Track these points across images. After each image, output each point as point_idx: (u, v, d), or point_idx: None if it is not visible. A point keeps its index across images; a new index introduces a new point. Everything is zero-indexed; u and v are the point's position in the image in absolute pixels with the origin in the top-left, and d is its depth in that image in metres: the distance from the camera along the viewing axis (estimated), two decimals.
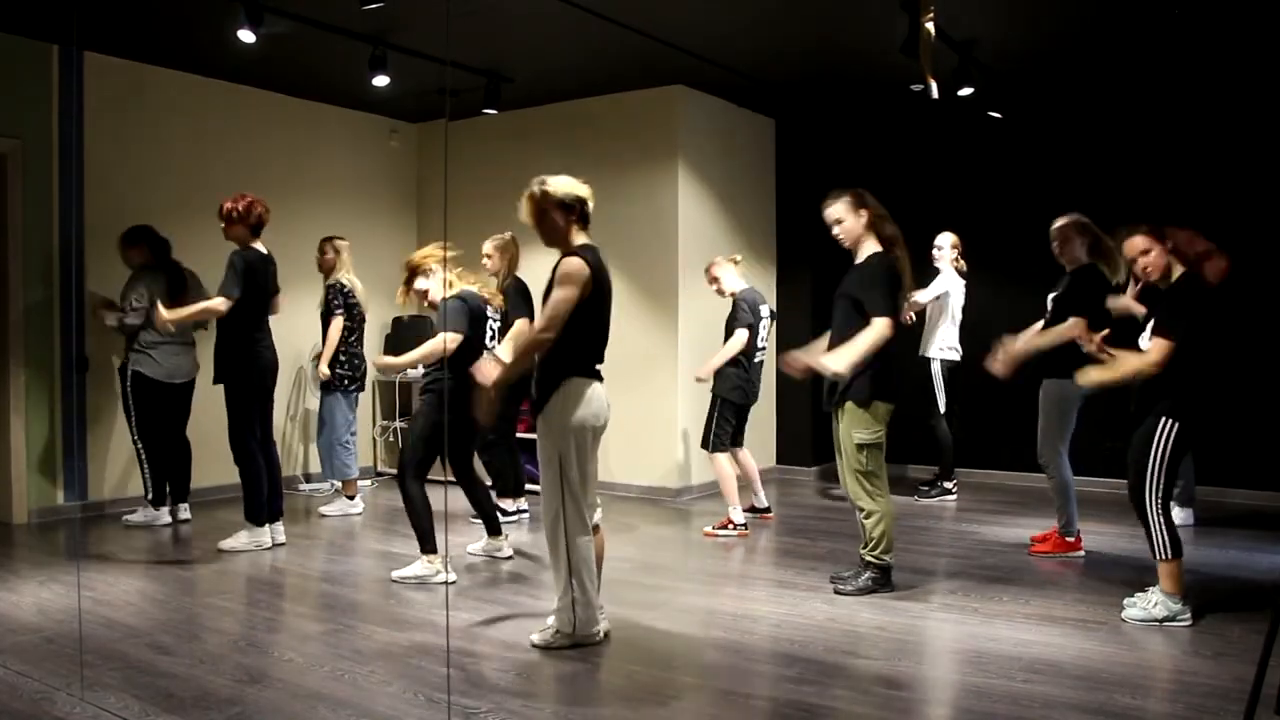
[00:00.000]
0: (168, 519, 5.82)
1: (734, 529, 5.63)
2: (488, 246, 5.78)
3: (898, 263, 4.27)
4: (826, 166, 7.83)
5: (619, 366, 6.65)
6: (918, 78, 4.96)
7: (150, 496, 5.79)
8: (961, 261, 6.63)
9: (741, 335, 5.56)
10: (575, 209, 3.61)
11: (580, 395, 3.53)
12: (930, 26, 4.72)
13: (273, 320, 5.39)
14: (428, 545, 4.61)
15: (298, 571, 4.91)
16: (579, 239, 3.63)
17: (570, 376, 3.53)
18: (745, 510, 5.82)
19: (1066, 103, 6.91)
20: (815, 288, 7.70)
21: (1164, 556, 3.84)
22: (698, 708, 3.15)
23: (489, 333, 5.30)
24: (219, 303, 5.01)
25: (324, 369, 6.10)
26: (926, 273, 6.44)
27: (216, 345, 5.16)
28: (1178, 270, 3.92)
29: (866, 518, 4.31)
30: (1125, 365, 3.90)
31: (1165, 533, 3.83)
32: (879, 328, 4.12)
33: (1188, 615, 3.84)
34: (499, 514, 5.81)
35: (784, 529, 5.92)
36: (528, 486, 5.99)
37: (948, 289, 6.51)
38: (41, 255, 5.87)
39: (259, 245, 5.21)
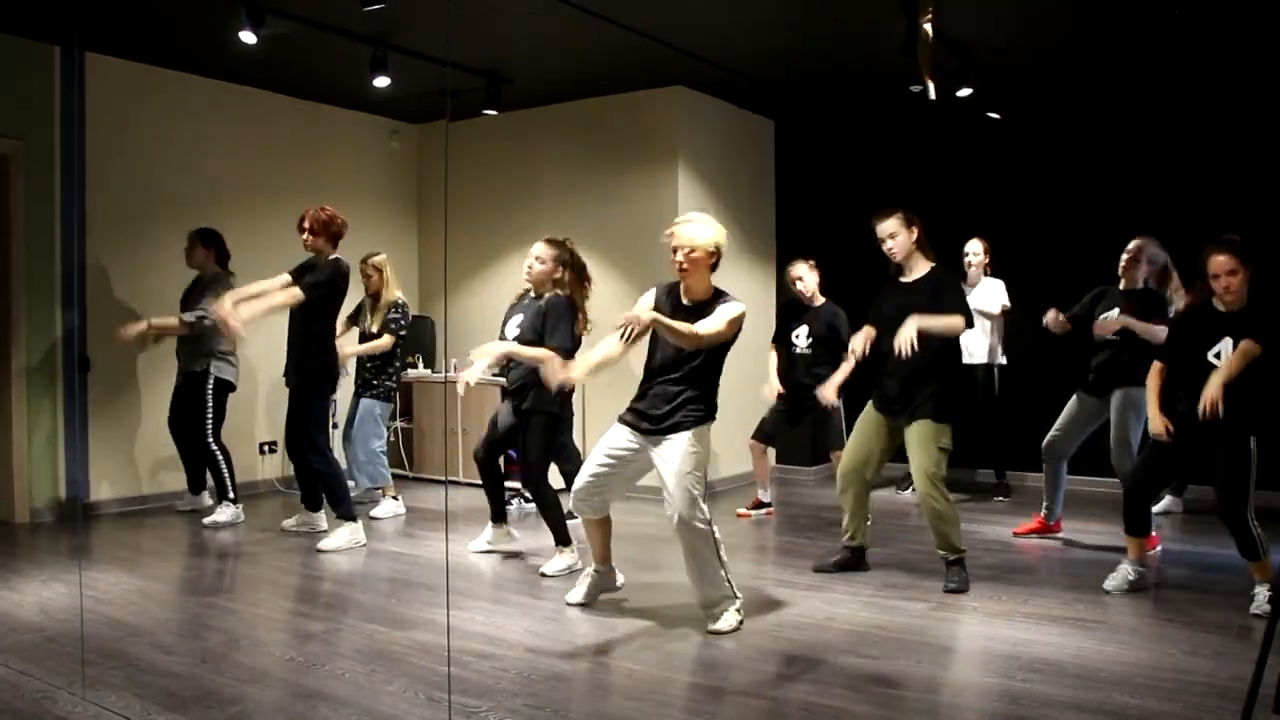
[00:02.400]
0: (243, 515, 5.90)
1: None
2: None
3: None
4: (826, 167, 7.84)
5: (620, 366, 6.65)
6: (917, 78, 4.97)
7: (232, 495, 5.84)
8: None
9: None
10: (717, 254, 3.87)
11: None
12: (929, 27, 4.74)
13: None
14: (564, 537, 4.73)
15: (299, 571, 4.91)
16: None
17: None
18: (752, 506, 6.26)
19: (1066, 103, 6.91)
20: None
21: (1260, 555, 3.95)
22: (698, 707, 3.16)
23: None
24: (295, 294, 5.03)
25: (347, 351, 6.02)
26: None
27: (303, 347, 5.17)
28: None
29: (939, 517, 4.38)
30: (1231, 368, 3.92)
31: (1260, 533, 3.95)
32: (960, 325, 4.31)
33: None
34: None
35: (784, 529, 5.93)
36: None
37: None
38: (43, 256, 5.87)
39: (339, 255, 5.34)
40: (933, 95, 5.07)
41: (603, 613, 4.12)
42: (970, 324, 4.35)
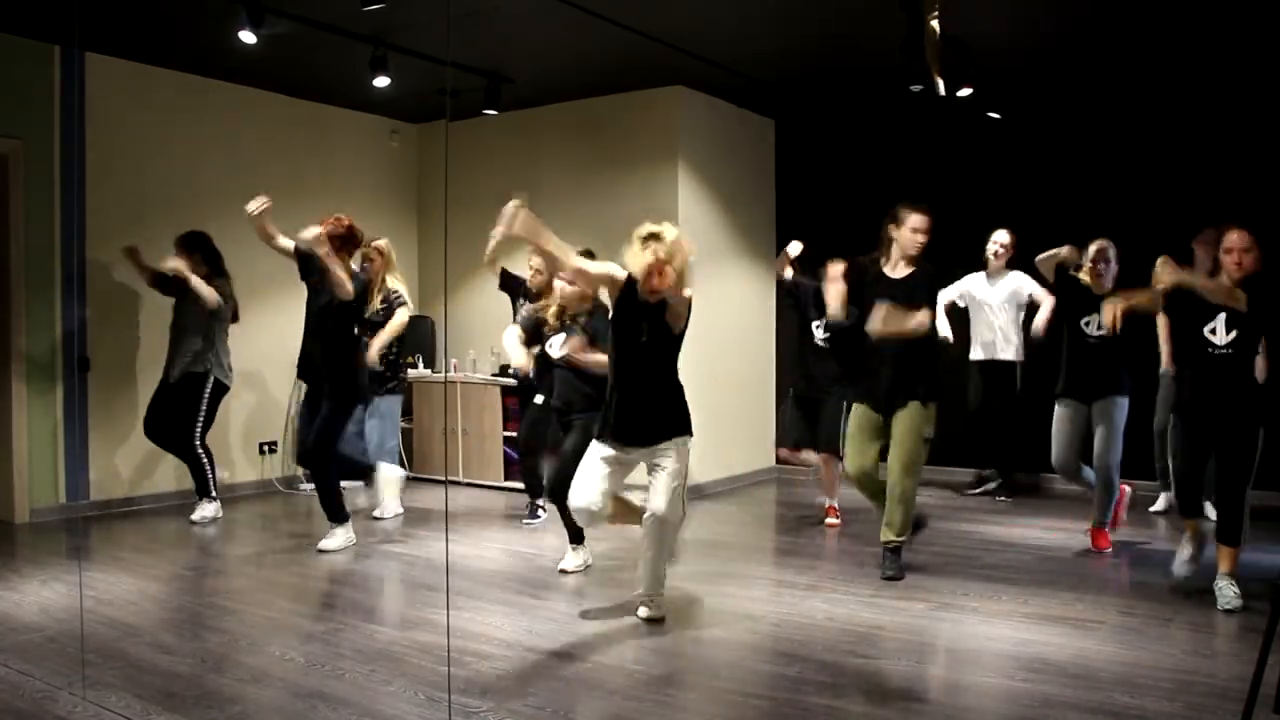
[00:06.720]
0: (222, 510, 5.91)
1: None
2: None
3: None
4: (826, 166, 7.84)
5: None
6: (918, 78, 4.97)
7: (214, 493, 5.86)
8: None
9: None
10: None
11: None
12: (936, 24, 4.74)
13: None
14: (579, 535, 4.77)
15: (299, 570, 4.91)
16: None
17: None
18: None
19: (1067, 103, 6.90)
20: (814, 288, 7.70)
21: (1238, 542, 4.08)
22: (698, 707, 3.16)
23: None
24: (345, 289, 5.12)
25: (374, 355, 5.82)
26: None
27: (341, 355, 5.20)
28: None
29: (904, 500, 4.49)
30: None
31: (1247, 524, 4.08)
32: (924, 325, 4.41)
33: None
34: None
35: (783, 529, 5.93)
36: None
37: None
38: (43, 256, 5.86)
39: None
40: (942, 91, 5.07)
41: (603, 613, 4.12)
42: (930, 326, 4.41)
